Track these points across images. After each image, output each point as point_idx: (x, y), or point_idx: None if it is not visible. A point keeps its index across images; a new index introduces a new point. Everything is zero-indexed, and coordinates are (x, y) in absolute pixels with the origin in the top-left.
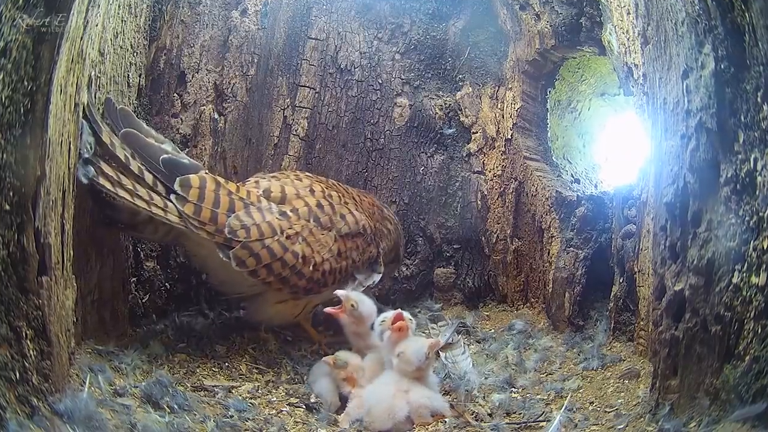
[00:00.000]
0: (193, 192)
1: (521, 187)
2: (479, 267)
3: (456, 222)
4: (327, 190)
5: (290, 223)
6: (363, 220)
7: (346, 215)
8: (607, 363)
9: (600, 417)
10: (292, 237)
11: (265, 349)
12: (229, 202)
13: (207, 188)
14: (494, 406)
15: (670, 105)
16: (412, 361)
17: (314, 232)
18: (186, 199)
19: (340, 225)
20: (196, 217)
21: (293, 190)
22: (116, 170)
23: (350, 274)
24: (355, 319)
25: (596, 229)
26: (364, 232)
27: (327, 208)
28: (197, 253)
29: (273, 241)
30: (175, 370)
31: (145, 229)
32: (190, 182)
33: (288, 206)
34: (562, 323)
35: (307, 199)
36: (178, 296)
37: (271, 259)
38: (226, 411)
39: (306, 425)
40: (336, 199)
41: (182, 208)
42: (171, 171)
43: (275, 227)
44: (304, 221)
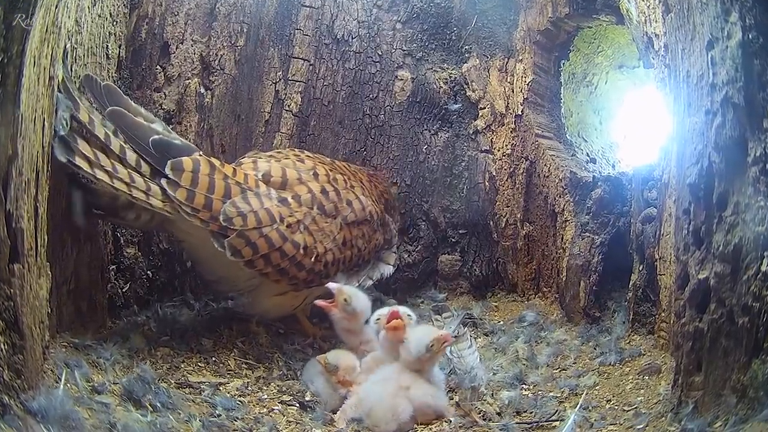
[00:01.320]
0: (186, 176)
1: (532, 167)
2: (487, 254)
3: (462, 205)
4: (332, 173)
5: (291, 210)
6: (370, 205)
7: (352, 201)
8: (625, 357)
9: (618, 416)
10: (293, 225)
11: (255, 343)
12: (224, 187)
13: (201, 172)
14: (503, 404)
15: (694, 78)
16: (411, 352)
17: (317, 220)
18: (178, 184)
19: (346, 212)
20: (188, 203)
21: (295, 175)
22: (95, 149)
23: (355, 263)
24: (348, 315)
25: (614, 212)
26: (371, 219)
27: (332, 195)
28: (186, 242)
29: (271, 230)
30: (157, 365)
31: (125, 215)
32: (183, 165)
33: (289, 192)
34: (576, 314)
35: (311, 184)
36: (161, 285)
37: (269, 249)
38: (213, 409)
39: (299, 425)
40: (341, 184)
41: (174, 193)
42: (162, 153)
43: (274, 215)
44: (307, 208)
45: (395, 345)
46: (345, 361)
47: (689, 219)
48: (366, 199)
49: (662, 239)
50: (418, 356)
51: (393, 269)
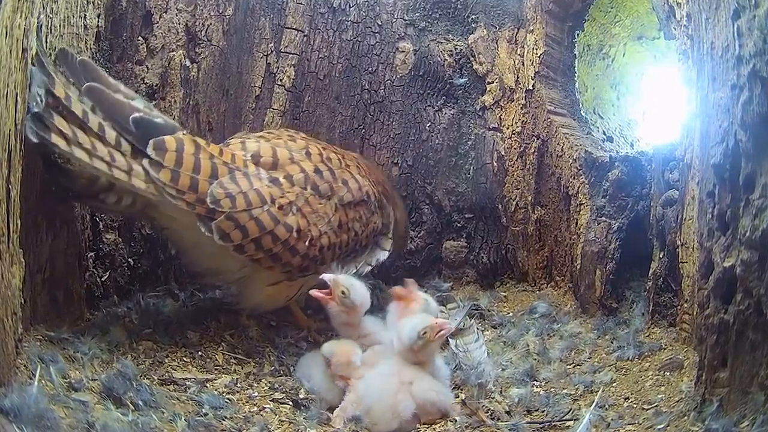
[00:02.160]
0: (170, 156)
1: (544, 146)
2: (495, 239)
3: (468, 187)
4: (325, 152)
5: (282, 191)
6: (366, 185)
7: (348, 181)
8: (644, 352)
9: (637, 415)
10: (285, 207)
11: (245, 336)
12: (211, 167)
13: (185, 151)
14: (513, 402)
15: (719, 50)
16: (402, 340)
17: (311, 202)
18: (161, 165)
19: (341, 192)
20: (173, 185)
21: (286, 154)
22: (73, 126)
23: (352, 248)
24: (346, 308)
25: (632, 195)
26: (367, 200)
27: (326, 174)
28: (170, 229)
29: (262, 212)
30: (139, 360)
31: (106, 198)
32: (166, 145)
33: (280, 172)
34: (592, 305)
35: (303, 163)
36: (144, 274)
37: (260, 233)
38: (200, 408)
39: (293, 425)
40: (336, 164)
41: (157, 174)
42: (143, 132)
43: (264, 196)
44: (300, 189)
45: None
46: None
47: (714, 202)
48: (362, 179)
49: (684, 224)
50: (410, 344)
51: (387, 254)
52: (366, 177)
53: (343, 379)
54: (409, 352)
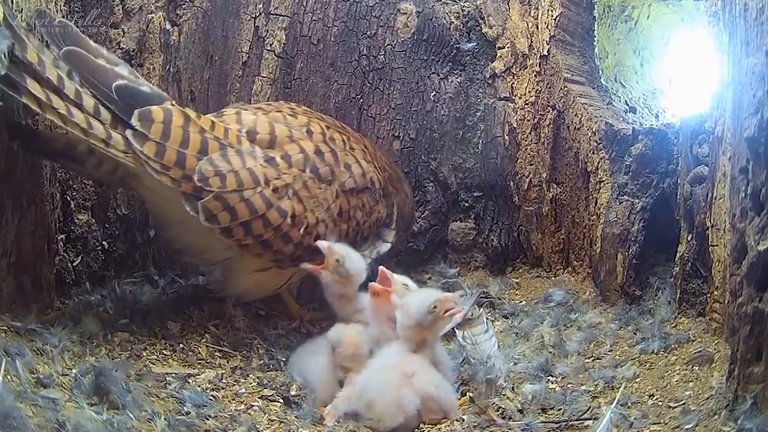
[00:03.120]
0: (156, 128)
1: (560, 117)
2: (506, 221)
3: (476, 163)
4: (328, 132)
5: (278, 172)
6: (371, 171)
7: (351, 165)
8: (671, 344)
9: (662, 414)
10: (280, 190)
11: (231, 327)
12: (201, 141)
13: (173, 123)
14: (526, 399)
15: (753, 12)
16: (410, 315)
17: (309, 186)
18: (146, 137)
19: (343, 178)
20: (158, 159)
21: (285, 131)
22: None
23: (352, 239)
24: (341, 278)
25: (657, 171)
26: (372, 187)
27: (328, 156)
28: (152, 201)
29: (254, 194)
30: (115, 353)
31: (85, 161)
32: (152, 116)
33: (278, 151)
34: (613, 293)
35: (303, 143)
36: (119, 258)
37: (250, 216)
38: (181, 406)
39: (284, 424)
40: (339, 145)
41: (141, 147)
42: (127, 101)
43: (258, 176)
44: (298, 171)
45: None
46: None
47: (747, 179)
48: (367, 164)
49: (715, 203)
50: (418, 320)
51: (389, 247)
52: (372, 162)
53: (345, 370)
54: (416, 329)
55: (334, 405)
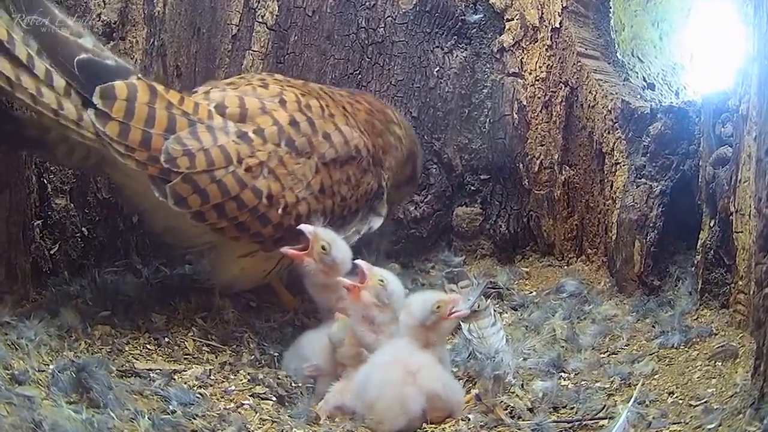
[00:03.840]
0: (119, 106)
1: (573, 94)
2: (515, 205)
3: (483, 143)
4: (303, 99)
5: (252, 148)
6: (356, 138)
7: (331, 134)
8: (692, 338)
9: (683, 413)
10: (254, 168)
11: (219, 320)
12: (168, 118)
13: (138, 100)
14: (536, 397)
15: None
16: (414, 316)
17: (286, 161)
18: (108, 116)
19: (323, 149)
20: (122, 140)
21: (256, 104)
22: (16, 69)
23: (339, 215)
24: (325, 266)
25: (677, 153)
26: (357, 156)
27: (304, 126)
28: (127, 187)
29: (226, 174)
30: (95, 347)
31: (57, 148)
32: (115, 92)
33: (250, 125)
34: (630, 283)
35: (276, 114)
36: (100, 245)
37: (222, 198)
38: (166, 404)
39: (276, 424)
40: (317, 112)
41: (104, 128)
42: (89, 77)
43: (230, 154)
44: (272, 146)
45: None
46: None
47: None
48: (350, 129)
49: (739, 187)
50: (423, 320)
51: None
52: (356, 127)
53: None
54: (419, 330)
55: (326, 399)
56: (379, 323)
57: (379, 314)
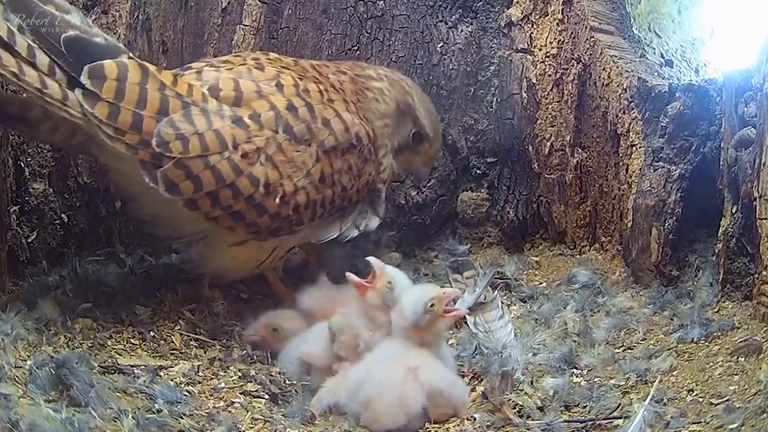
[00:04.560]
0: (109, 86)
1: (586, 72)
2: (524, 190)
3: (490, 124)
4: (301, 83)
5: (248, 133)
6: (356, 125)
7: (330, 120)
8: (713, 332)
9: (703, 412)
10: (251, 155)
11: (208, 312)
12: (160, 100)
13: (129, 80)
14: (547, 395)
15: None
16: (405, 316)
17: (284, 148)
18: (98, 96)
19: (322, 136)
20: (111, 122)
21: (252, 87)
22: None
23: (339, 206)
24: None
25: (697, 134)
26: (358, 144)
27: (303, 112)
28: (115, 170)
29: (221, 160)
30: (75, 342)
31: (40, 126)
32: (105, 72)
33: (245, 110)
34: (646, 273)
35: (273, 98)
36: (81, 233)
37: (216, 186)
38: (152, 403)
39: (269, 423)
40: (315, 97)
41: (92, 109)
42: (77, 55)
43: (226, 139)
44: (270, 132)
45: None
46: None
47: None
48: (351, 116)
49: (763, 170)
50: (415, 321)
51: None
52: (356, 113)
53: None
54: (413, 330)
55: (318, 396)
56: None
57: (382, 316)
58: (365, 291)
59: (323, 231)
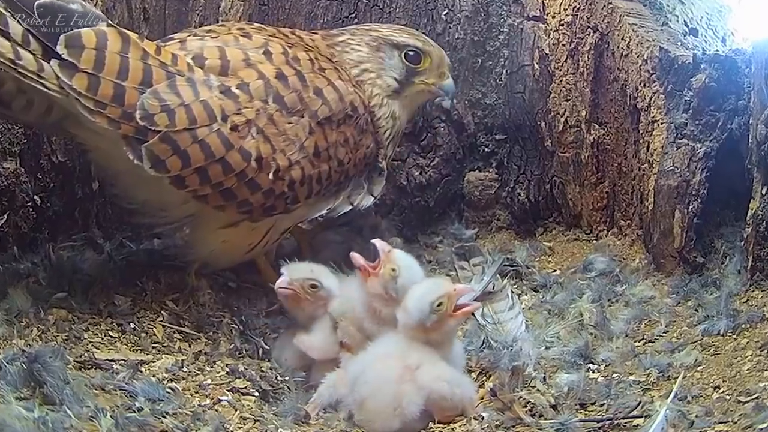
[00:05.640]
0: (87, 56)
1: (604, 41)
2: (536, 170)
3: (499, 98)
4: (291, 51)
5: (238, 104)
6: (351, 93)
7: (323, 89)
8: (741, 324)
9: (730, 410)
10: (241, 127)
11: (193, 303)
12: (143, 70)
13: (109, 49)
14: (561, 392)
15: None
16: (410, 315)
17: (276, 120)
18: (76, 67)
19: (315, 106)
20: (90, 94)
21: (239, 55)
22: None
23: (336, 182)
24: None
25: (724, 109)
26: (354, 114)
27: (293, 81)
28: (96, 149)
29: (210, 133)
30: (49, 335)
31: (12, 102)
32: (82, 41)
33: (232, 80)
34: (669, 260)
35: (262, 66)
36: (55, 216)
37: (206, 161)
38: (132, 400)
39: (260, 423)
40: (306, 65)
41: (70, 81)
42: (53, 23)
43: (214, 110)
44: (260, 102)
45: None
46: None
47: None
48: (344, 84)
49: None
50: (421, 320)
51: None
52: (349, 81)
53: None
54: (418, 330)
55: (319, 392)
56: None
57: (384, 307)
58: (368, 276)
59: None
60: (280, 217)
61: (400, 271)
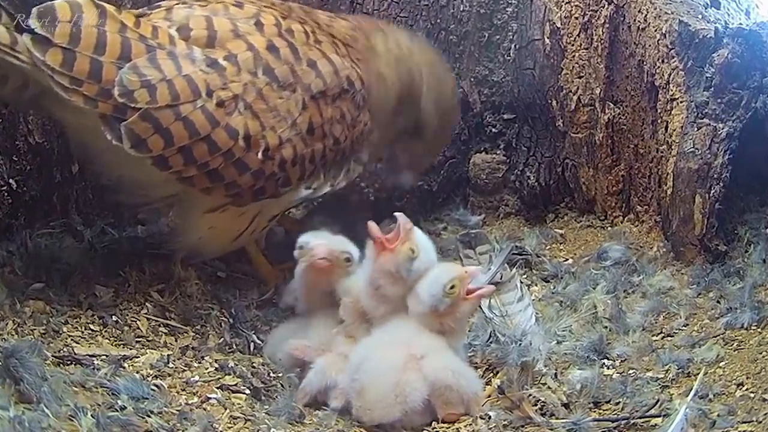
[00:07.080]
0: (62, 29)
1: (619, 14)
2: (547, 152)
3: (507, 75)
4: (284, 22)
5: (224, 78)
6: (348, 67)
7: (317, 62)
8: (766, 317)
9: (754, 408)
10: (227, 103)
11: (180, 294)
12: (121, 43)
13: (85, 23)
14: (573, 390)
15: None
16: (422, 298)
17: (266, 94)
18: (49, 42)
19: (308, 79)
20: (65, 71)
21: (227, 25)
22: None
23: (332, 161)
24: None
25: (748, 86)
26: (350, 89)
27: (285, 53)
28: (72, 127)
29: (194, 110)
30: (26, 328)
31: None
32: (56, 13)
33: (219, 51)
34: (689, 248)
35: (252, 38)
36: (31, 202)
37: (190, 139)
38: (114, 399)
39: (251, 422)
40: (300, 38)
41: (43, 57)
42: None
43: (198, 85)
44: (248, 76)
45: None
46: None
47: None
48: (341, 59)
49: None
50: (434, 304)
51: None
52: (347, 56)
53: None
54: (431, 317)
55: (308, 378)
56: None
57: (390, 286)
58: (381, 251)
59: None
60: (268, 202)
61: (419, 252)
